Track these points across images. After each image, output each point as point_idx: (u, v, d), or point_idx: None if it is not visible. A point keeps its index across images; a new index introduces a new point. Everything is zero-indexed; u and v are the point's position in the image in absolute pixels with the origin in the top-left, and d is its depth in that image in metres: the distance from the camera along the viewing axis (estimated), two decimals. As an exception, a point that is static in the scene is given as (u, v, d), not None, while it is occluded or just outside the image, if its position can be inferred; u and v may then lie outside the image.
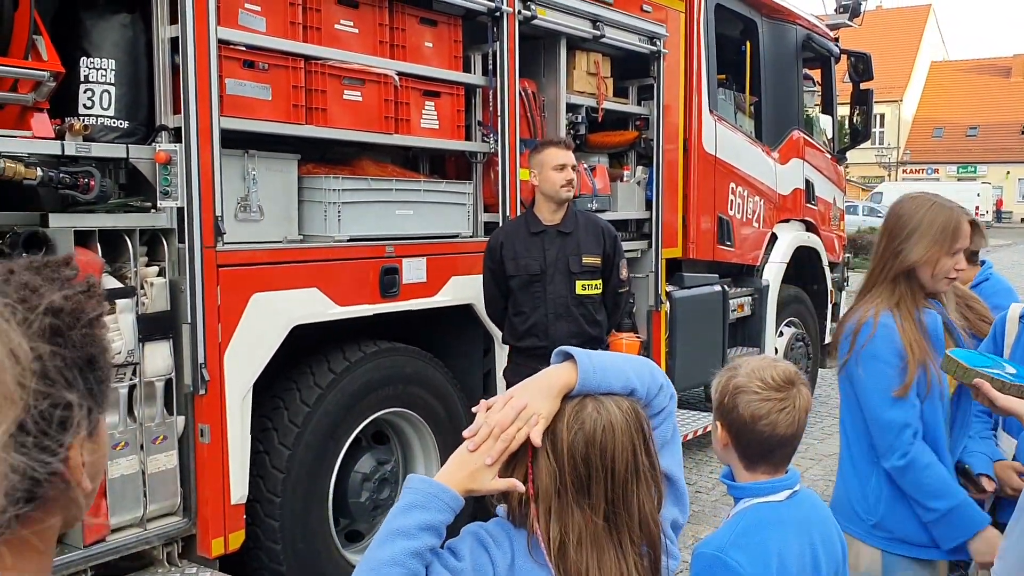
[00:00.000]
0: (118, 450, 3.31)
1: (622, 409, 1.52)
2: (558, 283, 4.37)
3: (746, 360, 2.09)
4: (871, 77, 8.69)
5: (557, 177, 4.35)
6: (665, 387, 1.61)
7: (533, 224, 4.43)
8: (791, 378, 2.02)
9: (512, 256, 4.38)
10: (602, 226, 4.60)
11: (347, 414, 4.11)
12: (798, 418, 1.98)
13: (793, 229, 8.16)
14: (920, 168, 55.17)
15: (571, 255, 4.40)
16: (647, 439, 1.53)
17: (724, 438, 2.05)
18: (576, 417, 1.50)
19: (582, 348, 1.60)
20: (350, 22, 4.13)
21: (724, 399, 2.03)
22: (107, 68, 3.40)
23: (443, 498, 1.44)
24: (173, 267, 3.49)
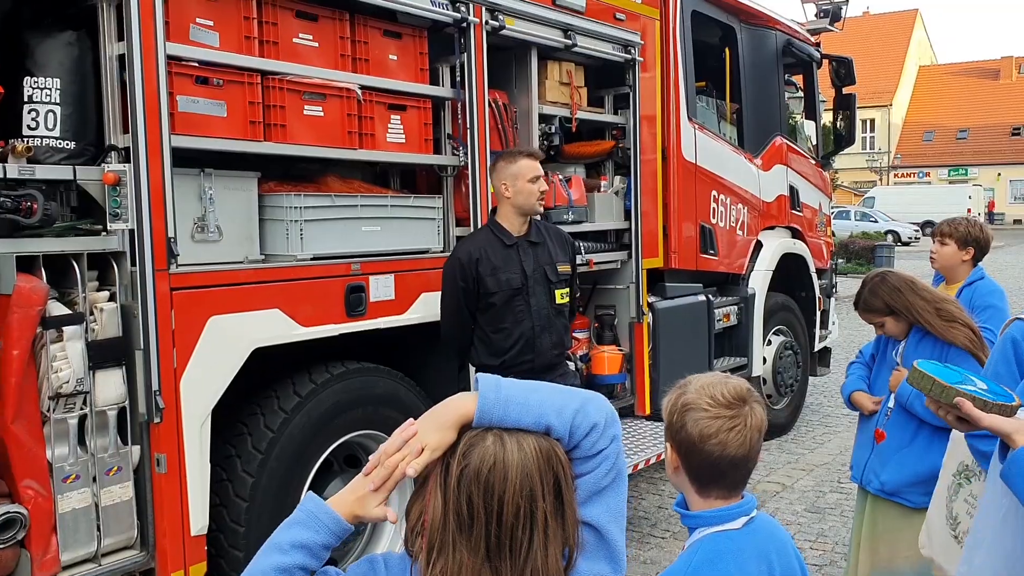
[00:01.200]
0: (68, 483, 3.19)
1: (526, 447, 1.39)
2: (539, 295, 4.29)
3: (697, 377, 1.97)
4: (853, 81, 8.62)
5: (533, 189, 4.22)
6: (602, 426, 1.47)
7: (505, 236, 4.27)
8: (743, 395, 1.90)
9: (491, 272, 4.19)
10: (565, 235, 4.58)
11: (314, 438, 3.99)
12: (750, 438, 1.86)
13: (779, 236, 8.07)
14: (911, 172, 55.25)
15: (546, 265, 4.32)
16: (560, 483, 1.41)
17: (674, 460, 1.93)
18: (467, 452, 1.39)
19: (559, 360, 1.51)
20: (309, 36, 4.03)
21: (673, 417, 1.92)
22: (52, 88, 3.29)
23: (323, 519, 1.42)
24: (125, 291, 3.37)
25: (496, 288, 4.20)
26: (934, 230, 4.59)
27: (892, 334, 3.67)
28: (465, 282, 4.19)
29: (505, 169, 4.25)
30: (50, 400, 3.12)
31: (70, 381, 3.14)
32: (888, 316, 3.59)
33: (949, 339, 3.43)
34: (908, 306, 3.53)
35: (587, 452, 1.46)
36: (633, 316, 6.10)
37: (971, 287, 4.37)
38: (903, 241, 36.31)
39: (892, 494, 3.59)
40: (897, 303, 3.54)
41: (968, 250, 4.41)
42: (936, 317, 3.47)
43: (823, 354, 9.16)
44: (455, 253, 4.31)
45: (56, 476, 3.15)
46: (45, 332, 3.10)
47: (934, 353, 3.50)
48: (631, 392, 6.17)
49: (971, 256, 4.42)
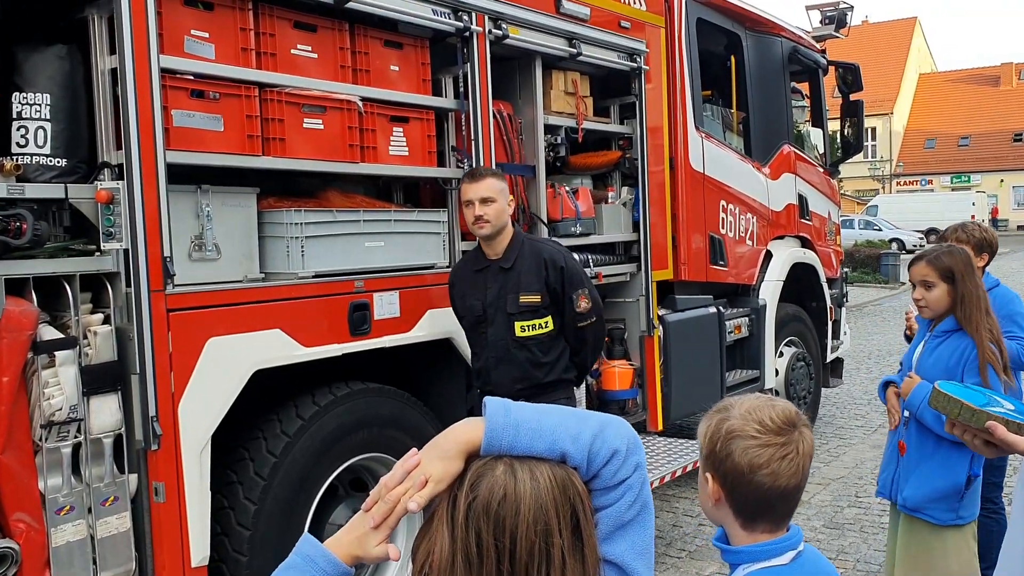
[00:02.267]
0: (62, 515, 3.04)
1: (539, 477, 1.25)
2: (499, 325, 4.08)
3: (738, 400, 1.81)
4: (860, 88, 8.51)
5: (467, 215, 4.07)
6: (624, 453, 1.32)
7: (478, 260, 4.18)
8: (792, 419, 1.75)
9: (460, 295, 4.18)
10: (545, 256, 4.11)
11: (318, 463, 3.85)
12: (802, 466, 1.71)
13: (788, 246, 7.94)
14: (914, 180, 55.12)
15: (509, 294, 4.06)
16: (578, 517, 1.26)
17: (716, 492, 1.76)
18: (475, 484, 1.25)
19: (528, 395, 1.36)
20: (308, 47, 3.91)
21: (716, 446, 1.74)
22: (41, 103, 3.18)
23: (320, 563, 1.33)
24: (120, 313, 3.24)
25: (463, 313, 4.19)
26: (944, 235, 4.43)
27: (929, 303, 3.52)
28: (451, 296, 4.30)
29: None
30: (42, 428, 2.99)
31: (63, 408, 3.01)
32: (944, 284, 3.46)
33: (977, 341, 3.34)
34: (967, 291, 3.42)
35: (608, 482, 1.32)
36: (643, 329, 5.96)
37: (988, 294, 4.22)
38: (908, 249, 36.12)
39: (915, 510, 3.47)
40: (963, 278, 3.42)
41: (983, 256, 4.30)
42: (984, 314, 3.41)
43: (835, 365, 9.01)
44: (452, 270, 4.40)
45: (49, 508, 3.01)
46: (36, 357, 2.97)
47: (949, 363, 3.41)
48: (643, 407, 6.03)
49: (985, 263, 4.30)
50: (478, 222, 4.02)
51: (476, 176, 4.08)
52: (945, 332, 3.50)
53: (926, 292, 3.51)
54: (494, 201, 4.02)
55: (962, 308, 3.40)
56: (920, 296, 3.54)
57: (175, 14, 3.41)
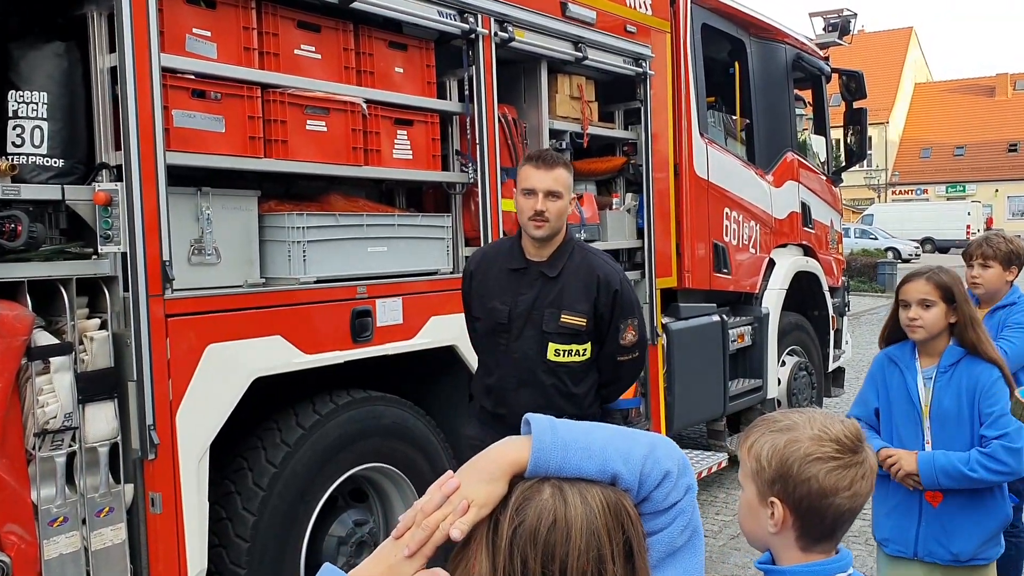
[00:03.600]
0: (55, 526, 2.95)
1: (591, 501, 1.16)
2: (526, 341, 3.39)
3: (798, 417, 1.69)
4: (864, 95, 8.44)
5: (523, 205, 3.35)
6: (676, 475, 1.24)
7: (515, 257, 3.46)
8: (859, 433, 1.67)
9: (481, 293, 3.48)
10: (599, 273, 3.42)
11: (319, 473, 3.76)
12: (873, 481, 1.66)
13: (791, 254, 7.86)
14: (909, 189, 55.20)
15: (548, 308, 3.38)
16: (631, 544, 1.17)
17: (784, 519, 1.64)
18: (521, 508, 1.15)
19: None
20: (311, 47, 3.83)
21: (791, 470, 1.62)
22: (38, 102, 3.09)
23: None
24: (117, 319, 3.15)
25: (479, 313, 3.48)
26: (969, 252, 4.21)
27: (925, 324, 3.12)
28: (464, 289, 3.65)
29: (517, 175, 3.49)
30: (35, 437, 2.90)
31: (57, 416, 2.92)
32: (943, 304, 3.11)
33: (998, 361, 3.14)
34: (970, 312, 3.15)
35: (659, 505, 1.23)
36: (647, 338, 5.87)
37: (1007, 309, 4.08)
38: (903, 258, 36.15)
39: (971, 559, 3.16)
40: (964, 300, 3.14)
41: (1012, 269, 4.10)
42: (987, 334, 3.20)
43: (837, 374, 8.93)
44: (470, 256, 3.74)
45: (42, 519, 2.91)
46: (30, 364, 2.88)
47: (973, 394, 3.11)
48: (646, 416, 5.93)
49: (1014, 276, 4.12)
50: (537, 219, 3.30)
51: (547, 161, 3.36)
52: (951, 365, 3.15)
53: (923, 312, 3.13)
54: (560, 197, 3.34)
55: (971, 331, 3.10)
56: (916, 316, 3.13)
57: (176, 12, 3.33)
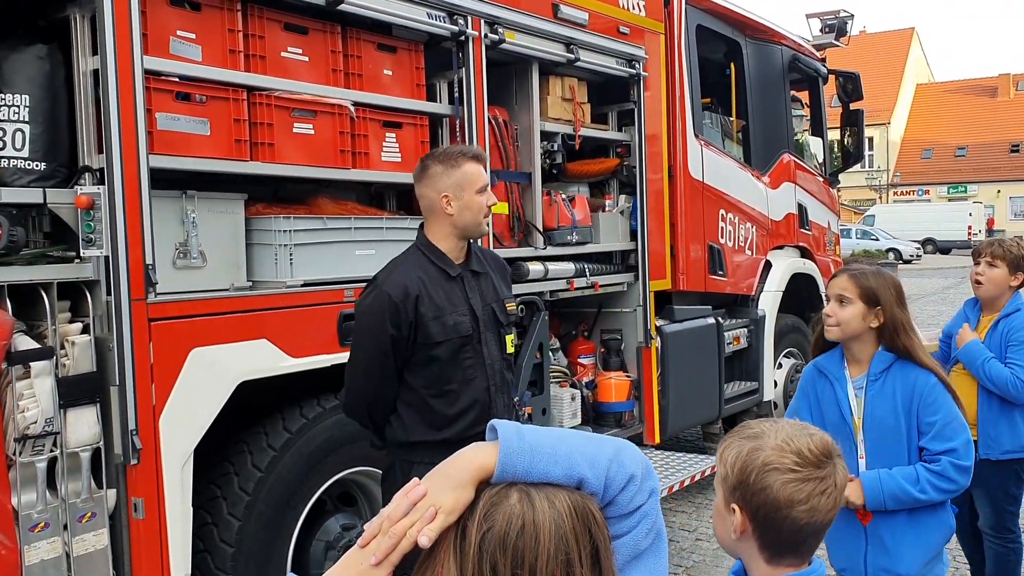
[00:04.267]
0: (36, 532, 2.92)
1: (558, 505, 1.16)
2: (491, 342, 3.26)
3: (769, 426, 1.69)
4: (861, 97, 8.42)
5: (482, 203, 3.21)
6: (640, 478, 1.24)
7: (447, 265, 3.21)
8: (829, 449, 1.65)
9: (436, 314, 3.11)
10: (502, 260, 3.58)
11: (306, 478, 3.73)
12: (838, 500, 1.63)
13: (788, 256, 7.84)
14: (911, 189, 55.12)
15: (494, 302, 3.29)
16: (598, 547, 1.17)
17: (743, 525, 1.65)
18: (489, 513, 1.15)
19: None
20: (299, 50, 3.81)
21: (749, 478, 1.63)
22: (20, 105, 3.07)
23: None
24: (100, 323, 3.13)
25: (441, 336, 3.11)
26: (978, 250, 4.18)
27: (839, 321, 2.94)
28: (398, 329, 3.07)
29: (444, 176, 3.18)
30: (16, 442, 2.87)
31: (38, 421, 2.90)
32: (862, 304, 2.91)
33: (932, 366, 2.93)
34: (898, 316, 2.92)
35: (624, 509, 1.24)
36: (640, 340, 5.86)
37: (1008, 319, 4.04)
38: (904, 259, 36.11)
39: None
40: (889, 304, 2.91)
41: (1018, 275, 4.05)
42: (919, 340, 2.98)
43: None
44: (381, 288, 3.13)
45: (22, 525, 2.89)
46: (11, 368, 2.85)
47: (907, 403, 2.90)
48: (639, 420, 5.92)
49: (1019, 283, 4.08)
50: (489, 213, 3.30)
51: (480, 157, 3.36)
52: (882, 372, 2.94)
53: (838, 309, 2.94)
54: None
55: (902, 336, 2.89)
56: (831, 312, 2.95)
57: (160, 14, 3.31)
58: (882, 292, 2.91)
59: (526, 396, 4.81)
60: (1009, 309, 4.03)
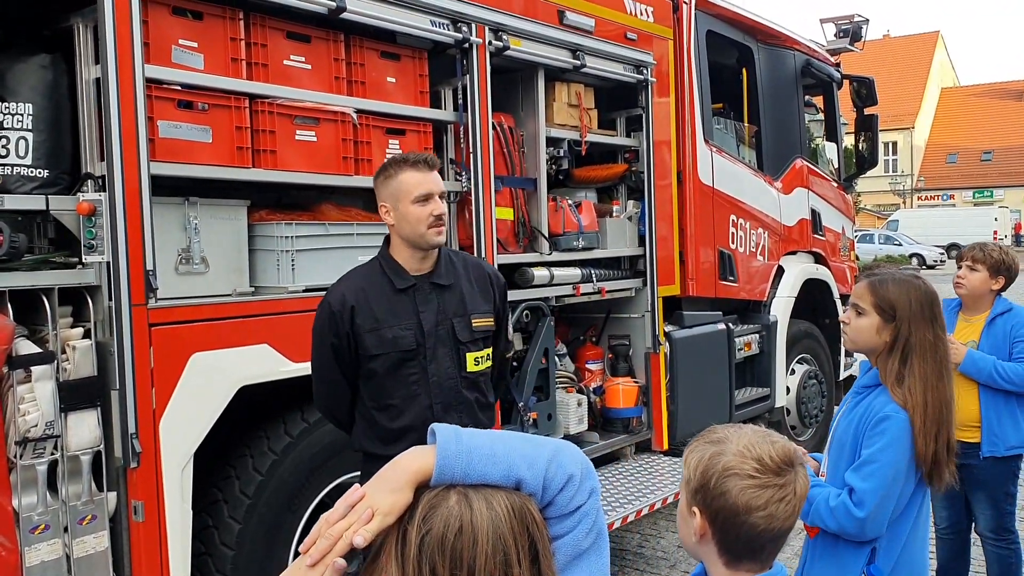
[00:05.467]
0: (37, 534, 2.97)
1: (496, 507, 1.18)
2: (442, 359, 3.13)
3: (734, 432, 1.71)
4: (875, 101, 8.37)
5: (419, 213, 3.06)
6: (579, 478, 1.26)
7: (397, 276, 3.14)
8: (791, 458, 1.66)
9: (372, 326, 3.07)
10: (489, 272, 3.37)
11: (307, 482, 3.77)
12: (797, 508, 1.63)
13: (801, 261, 7.80)
14: (935, 194, 54.63)
15: (455, 317, 3.16)
16: (537, 547, 1.19)
17: (702, 528, 1.67)
18: (428, 516, 1.17)
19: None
20: (301, 58, 3.85)
21: (710, 482, 1.65)
22: (23, 113, 3.12)
23: None
24: (102, 328, 3.17)
25: (378, 349, 3.08)
26: (961, 254, 4.31)
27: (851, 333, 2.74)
28: (337, 338, 3.11)
29: (383, 186, 3.15)
30: (17, 445, 2.92)
31: (38, 424, 2.94)
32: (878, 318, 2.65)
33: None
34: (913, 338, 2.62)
35: (563, 509, 1.26)
36: (649, 346, 5.85)
37: (1005, 316, 4.13)
38: (928, 264, 35.79)
39: None
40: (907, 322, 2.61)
41: (999, 279, 4.16)
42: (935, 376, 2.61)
43: (848, 383, 8.83)
44: (326, 296, 3.20)
45: (23, 527, 2.94)
46: (12, 372, 2.90)
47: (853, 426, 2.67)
48: (648, 426, 5.91)
49: (1000, 286, 4.19)
50: (437, 224, 3.09)
51: (429, 163, 3.15)
52: (866, 387, 2.73)
53: (854, 317, 2.72)
54: (444, 197, 3.22)
55: (888, 358, 2.62)
56: (847, 319, 2.75)
57: (162, 23, 3.35)
58: (901, 305, 2.59)
59: (531, 401, 4.83)
60: (1000, 308, 4.17)
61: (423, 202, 3.07)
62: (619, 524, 4.98)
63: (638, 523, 5.84)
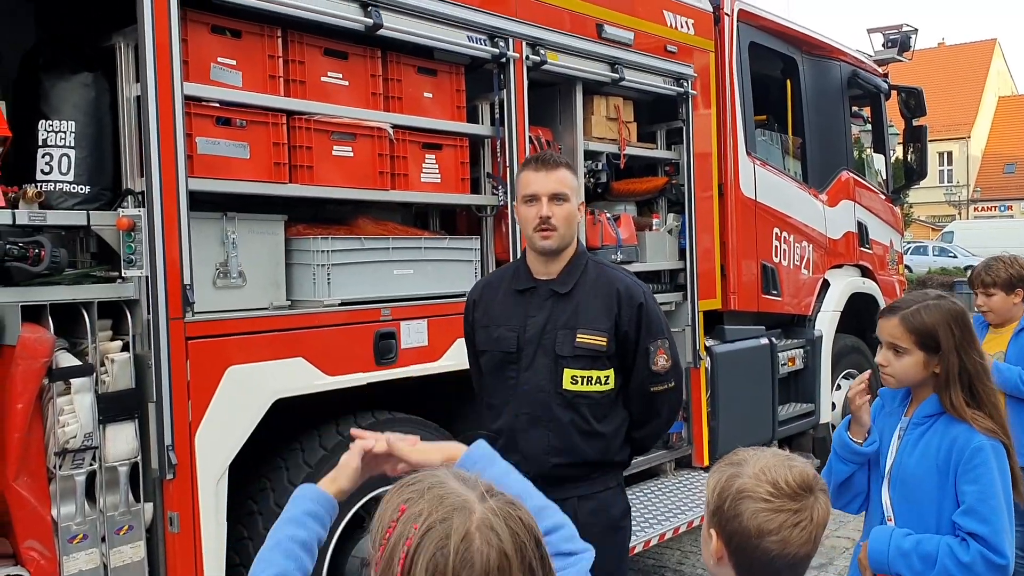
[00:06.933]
0: (75, 543, 3.02)
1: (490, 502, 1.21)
2: (539, 370, 2.98)
3: (754, 455, 1.70)
4: (924, 112, 8.23)
5: (526, 214, 2.99)
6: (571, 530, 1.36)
7: (519, 277, 3.10)
8: (809, 483, 1.64)
9: (485, 323, 3.11)
10: (620, 287, 3.04)
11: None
12: (814, 535, 1.60)
13: (847, 275, 7.68)
14: (992, 205, 53.36)
15: (562, 328, 2.98)
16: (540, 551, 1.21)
17: (719, 550, 1.66)
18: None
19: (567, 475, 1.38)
20: (339, 74, 3.90)
21: (724, 504, 1.64)
22: (66, 131, 3.20)
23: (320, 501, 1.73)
24: (140, 341, 3.23)
25: (484, 346, 3.11)
26: (971, 279, 4.28)
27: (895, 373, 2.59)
28: (467, 326, 3.26)
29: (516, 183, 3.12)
30: (56, 456, 2.98)
31: (77, 436, 3.00)
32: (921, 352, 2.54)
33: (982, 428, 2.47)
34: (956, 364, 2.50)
35: (556, 548, 1.28)
36: (689, 361, 5.78)
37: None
38: (985, 277, 34.94)
39: None
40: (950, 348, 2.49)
41: (1017, 292, 4.12)
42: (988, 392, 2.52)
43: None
44: (472, 287, 3.41)
45: (62, 536, 2.99)
46: (52, 384, 2.96)
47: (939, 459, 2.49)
48: (688, 441, 5.85)
49: (1020, 298, 4.14)
50: (543, 227, 2.94)
51: (548, 163, 3.00)
52: (928, 417, 2.55)
53: (893, 358, 2.57)
54: (567, 200, 2.97)
55: (951, 393, 2.47)
56: (886, 362, 2.59)
57: (202, 41, 3.42)
58: (943, 333, 2.48)
59: None
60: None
61: (530, 203, 2.98)
62: (656, 541, 4.94)
63: (678, 540, 5.78)
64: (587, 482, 3.01)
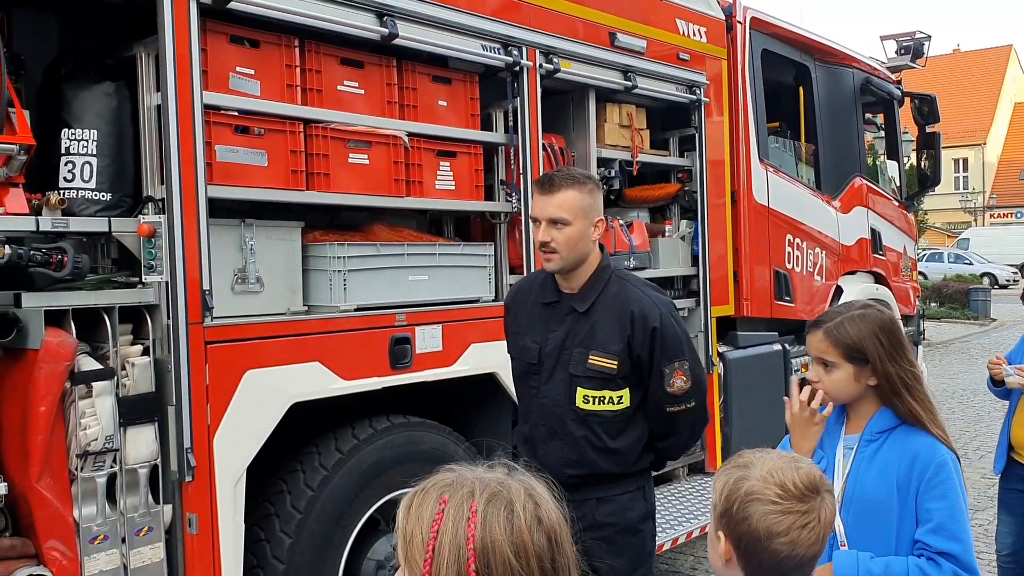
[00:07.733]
0: (96, 544, 3.07)
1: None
2: (556, 385, 3.05)
3: (760, 457, 1.73)
4: (937, 119, 8.23)
5: (535, 236, 3.06)
6: None
7: (547, 288, 3.16)
8: (816, 484, 1.66)
9: (515, 329, 3.23)
10: (634, 309, 3.00)
11: (357, 497, 3.82)
12: (822, 535, 1.63)
13: (860, 281, 7.68)
14: (1008, 212, 53.06)
15: (576, 347, 3.01)
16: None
17: (727, 553, 1.68)
18: None
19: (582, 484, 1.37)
20: (355, 83, 3.95)
21: (732, 507, 1.67)
22: (88, 139, 3.27)
23: None
24: (160, 345, 3.28)
25: (513, 352, 3.24)
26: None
27: (827, 388, 2.49)
28: (505, 323, 3.37)
29: None
30: (78, 458, 3.03)
31: (99, 438, 3.05)
32: (850, 365, 2.43)
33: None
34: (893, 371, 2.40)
35: None
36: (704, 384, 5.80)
37: None
38: (1000, 284, 34.79)
39: None
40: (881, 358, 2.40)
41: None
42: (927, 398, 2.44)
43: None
44: (512, 287, 3.56)
45: (83, 537, 3.05)
46: (74, 388, 3.02)
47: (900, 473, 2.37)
48: (701, 447, 5.87)
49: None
50: (544, 251, 3.01)
51: (549, 185, 3.01)
52: (880, 433, 2.42)
53: (823, 373, 2.47)
54: (567, 224, 2.96)
55: (905, 398, 2.37)
56: (817, 378, 2.49)
57: (220, 51, 3.48)
58: (868, 344, 2.37)
59: None
60: None
61: (536, 224, 3.04)
62: (669, 546, 4.96)
63: (691, 545, 5.79)
64: (604, 488, 3.08)
